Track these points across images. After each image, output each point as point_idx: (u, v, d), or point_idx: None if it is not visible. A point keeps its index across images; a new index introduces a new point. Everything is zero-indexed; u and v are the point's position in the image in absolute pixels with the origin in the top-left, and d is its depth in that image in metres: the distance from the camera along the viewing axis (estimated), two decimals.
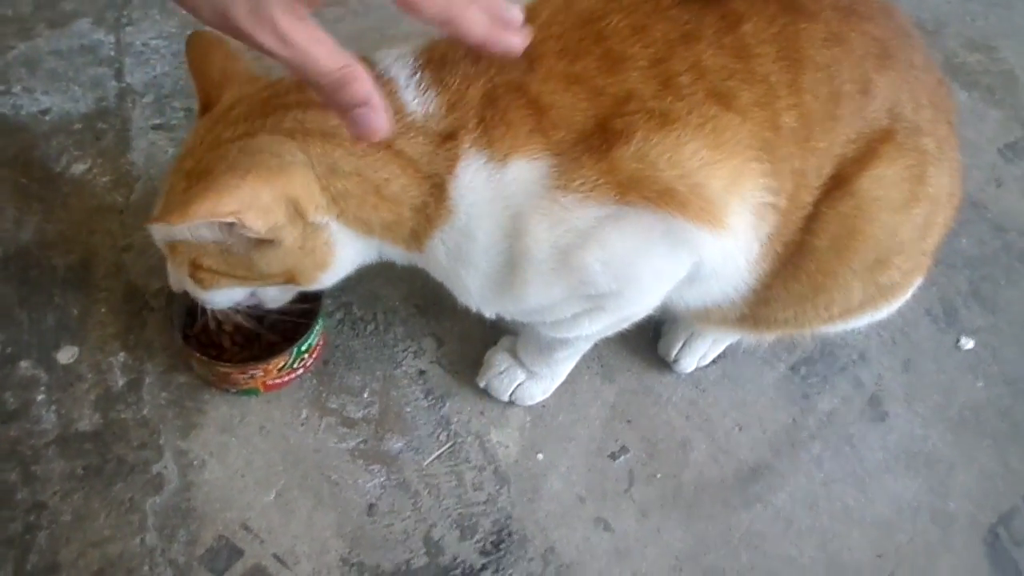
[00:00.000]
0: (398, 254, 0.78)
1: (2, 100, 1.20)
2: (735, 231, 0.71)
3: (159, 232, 0.75)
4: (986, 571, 0.94)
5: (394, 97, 0.67)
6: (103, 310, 1.02)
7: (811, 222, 0.74)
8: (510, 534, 0.92)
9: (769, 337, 0.94)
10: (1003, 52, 1.48)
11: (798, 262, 0.77)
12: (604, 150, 0.66)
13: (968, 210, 0.83)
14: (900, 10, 0.77)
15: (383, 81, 0.68)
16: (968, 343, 1.11)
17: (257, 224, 0.67)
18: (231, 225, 0.68)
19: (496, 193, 0.69)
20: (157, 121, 1.19)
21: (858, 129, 0.71)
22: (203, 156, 0.71)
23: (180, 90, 1.24)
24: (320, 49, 0.53)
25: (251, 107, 0.71)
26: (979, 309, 1.14)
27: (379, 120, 0.56)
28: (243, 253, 0.73)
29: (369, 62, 0.69)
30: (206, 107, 0.77)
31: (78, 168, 1.14)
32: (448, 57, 0.69)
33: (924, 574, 0.93)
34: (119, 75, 1.24)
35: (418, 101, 0.68)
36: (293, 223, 0.70)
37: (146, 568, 0.86)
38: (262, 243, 0.71)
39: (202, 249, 0.73)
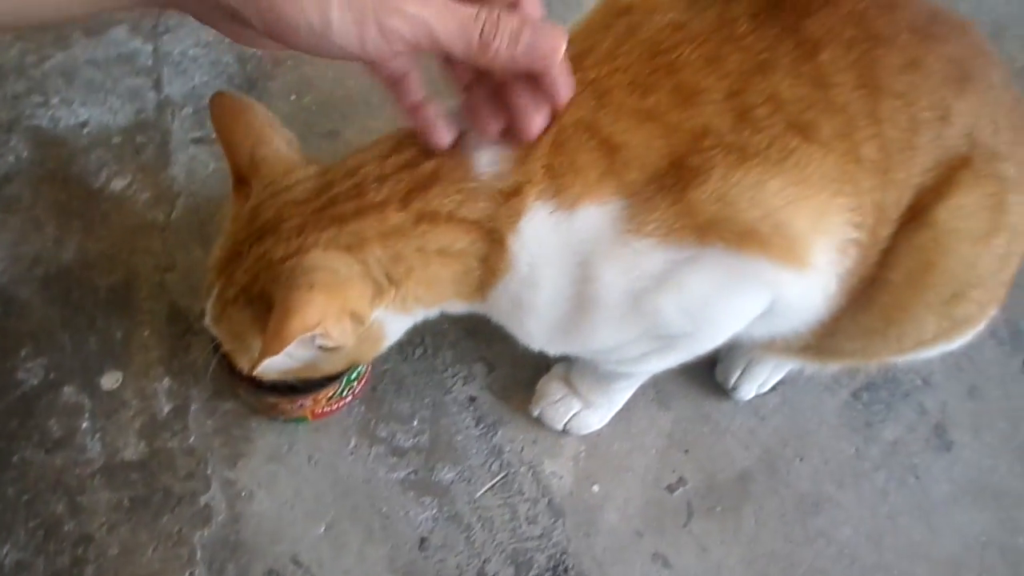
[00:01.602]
0: (460, 307, 0.75)
1: (40, 112, 1.18)
2: (817, 269, 0.68)
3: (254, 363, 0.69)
4: None
5: (460, 164, 0.65)
6: (146, 333, 1.00)
7: (886, 255, 0.71)
8: (566, 570, 0.89)
9: (833, 367, 0.91)
10: None
11: (871, 295, 0.74)
12: (679, 190, 0.63)
13: None
14: (974, 26, 0.73)
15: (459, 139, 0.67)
16: None
17: (335, 333, 0.65)
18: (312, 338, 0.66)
19: (563, 241, 0.66)
20: (197, 134, 1.16)
21: (936, 157, 0.67)
22: (257, 275, 0.68)
23: None
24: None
25: (304, 219, 0.67)
26: None
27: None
28: (307, 359, 0.72)
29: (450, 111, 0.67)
30: (240, 180, 0.73)
31: (118, 184, 1.11)
32: None
33: None
34: (158, 86, 1.22)
35: (489, 160, 0.65)
36: (355, 329, 0.68)
37: None
38: (328, 349, 0.69)
39: None
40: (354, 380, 0.92)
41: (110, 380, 0.96)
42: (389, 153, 0.68)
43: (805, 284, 0.68)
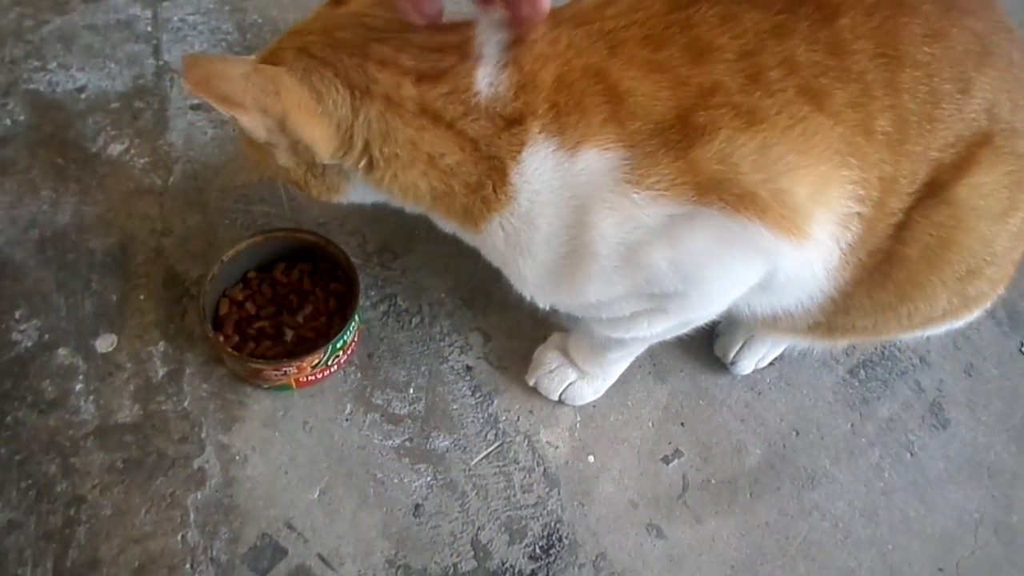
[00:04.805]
0: (447, 226, 0.75)
1: (37, 76, 1.17)
2: (816, 240, 0.67)
3: None
4: None
5: (468, 73, 0.65)
6: (142, 297, 0.99)
7: (902, 230, 0.70)
8: (560, 539, 0.89)
9: (841, 344, 0.90)
10: None
11: (885, 271, 0.73)
12: (684, 147, 0.62)
13: None
14: (998, 1, 0.72)
15: (472, 49, 0.66)
16: None
17: (256, 133, 0.66)
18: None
19: (563, 183, 0.65)
20: (196, 101, 1.15)
21: (956, 132, 0.67)
22: (287, 46, 0.68)
23: None
24: None
25: (350, 37, 0.67)
26: None
27: None
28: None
29: (472, 25, 0.67)
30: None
31: (115, 148, 1.11)
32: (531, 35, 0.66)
33: None
34: (156, 52, 1.21)
35: (488, 81, 0.65)
36: (298, 153, 0.70)
37: (188, 566, 0.84)
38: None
39: None
40: (339, 349, 0.92)
41: (105, 343, 0.96)
42: (437, 31, 0.68)
43: (803, 256, 0.68)
